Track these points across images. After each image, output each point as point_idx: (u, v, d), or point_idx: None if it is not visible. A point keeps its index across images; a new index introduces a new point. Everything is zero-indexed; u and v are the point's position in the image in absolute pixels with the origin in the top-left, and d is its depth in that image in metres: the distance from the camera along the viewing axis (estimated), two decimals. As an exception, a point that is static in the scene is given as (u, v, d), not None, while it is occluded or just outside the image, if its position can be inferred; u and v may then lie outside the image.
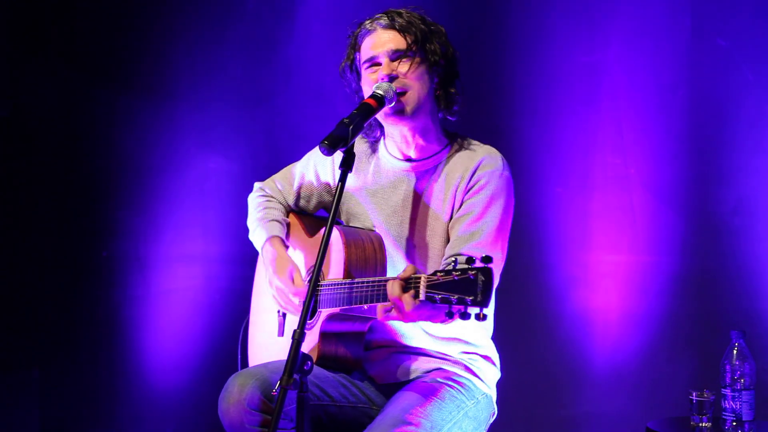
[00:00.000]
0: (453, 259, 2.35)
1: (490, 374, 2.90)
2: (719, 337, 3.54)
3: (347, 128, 2.54)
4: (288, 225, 3.03)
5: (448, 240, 2.79)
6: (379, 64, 2.77)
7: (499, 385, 2.96)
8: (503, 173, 2.79)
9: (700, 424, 3.29)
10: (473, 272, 2.28)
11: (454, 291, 2.30)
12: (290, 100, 4.42)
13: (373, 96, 2.68)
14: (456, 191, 2.78)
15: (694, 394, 3.30)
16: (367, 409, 2.79)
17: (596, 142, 4.07)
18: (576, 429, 4.10)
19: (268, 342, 2.99)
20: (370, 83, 2.77)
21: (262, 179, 4.54)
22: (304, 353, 2.33)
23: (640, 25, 4.02)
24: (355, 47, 2.84)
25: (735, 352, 3.29)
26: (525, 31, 4.16)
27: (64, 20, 4.51)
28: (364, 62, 2.80)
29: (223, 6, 4.46)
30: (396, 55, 2.75)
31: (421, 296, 2.37)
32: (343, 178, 2.54)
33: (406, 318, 2.46)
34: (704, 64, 3.94)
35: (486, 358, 2.90)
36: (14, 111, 4.50)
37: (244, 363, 3.11)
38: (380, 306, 2.48)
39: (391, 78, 2.74)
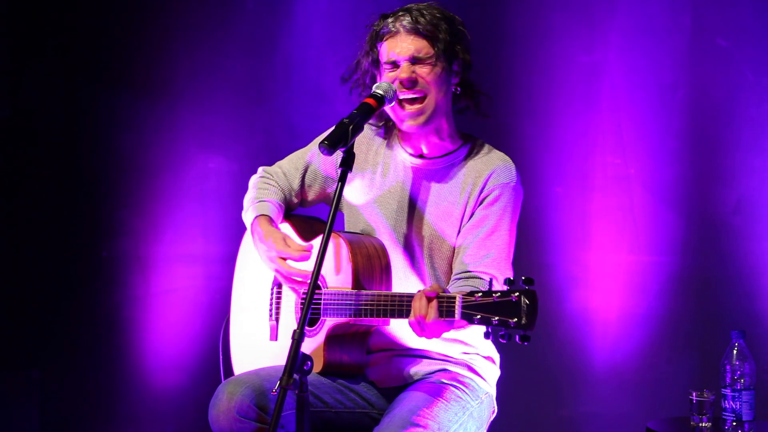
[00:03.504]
0: (488, 279, 2.38)
1: (491, 373, 2.90)
2: (719, 337, 3.54)
3: (347, 128, 2.54)
4: (283, 208, 2.98)
5: (453, 246, 2.78)
6: (399, 66, 2.75)
7: (499, 384, 2.96)
8: (516, 186, 2.79)
9: (700, 424, 3.29)
10: (516, 294, 2.28)
11: (494, 313, 2.30)
12: (290, 100, 4.41)
13: (373, 95, 2.67)
14: (468, 198, 2.77)
15: (694, 394, 3.30)
16: (365, 413, 2.78)
17: (596, 142, 4.07)
18: (576, 429, 4.10)
19: (256, 347, 2.96)
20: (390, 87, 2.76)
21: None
22: (303, 353, 2.33)
23: (640, 25, 4.02)
24: (375, 43, 2.81)
25: (735, 352, 3.29)
26: (525, 30, 4.16)
27: (64, 20, 4.51)
28: (385, 62, 2.79)
29: (223, 6, 4.46)
30: (417, 61, 2.74)
31: (457, 315, 2.37)
32: (342, 178, 2.54)
33: (428, 332, 2.46)
34: (704, 64, 3.94)
35: (487, 358, 2.90)
36: (14, 111, 4.50)
37: (227, 367, 3.06)
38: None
39: (411, 81, 2.73)
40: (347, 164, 2.55)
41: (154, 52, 4.50)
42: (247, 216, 2.97)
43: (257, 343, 2.94)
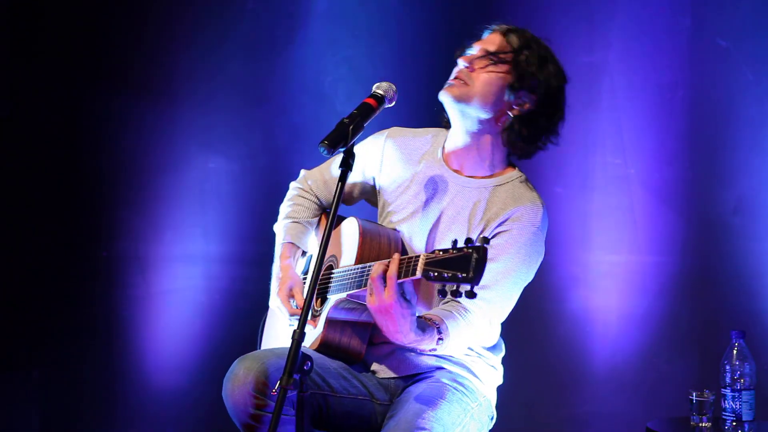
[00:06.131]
0: (454, 240, 2.36)
1: (490, 378, 2.89)
2: (719, 337, 3.54)
3: (347, 128, 2.53)
4: (313, 224, 3.02)
5: None
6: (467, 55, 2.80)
7: (500, 385, 2.96)
8: (537, 231, 2.73)
9: (700, 424, 3.30)
10: (469, 250, 2.28)
11: (449, 268, 2.30)
12: (290, 100, 4.42)
13: (373, 95, 2.67)
14: (485, 227, 2.74)
15: (694, 394, 3.30)
16: (366, 402, 2.78)
17: (596, 142, 4.07)
18: (576, 429, 4.10)
19: (279, 331, 3.01)
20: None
21: (261, 179, 4.56)
22: (303, 353, 2.33)
23: (640, 25, 4.02)
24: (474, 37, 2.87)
25: (735, 352, 3.29)
26: (525, 30, 4.16)
27: (64, 20, 4.51)
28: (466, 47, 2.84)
29: (223, 6, 4.46)
30: (484, 54, 2.77)
31: (418, 273, 2.35)
32: (343, 178, 2.53)
33: (380, 301, 2.45)
34: (704, 64, 3.94)
35: (490, 365, 2.89)
36: (14, 111, 4.50)
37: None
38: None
39: (466, 67, 2.76)
40: (347, 165, 2.54)
41: (154, 52, 4.50)
42: (278, 231, 3.02)
43: (280, 328, 2.98)
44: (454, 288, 2.28)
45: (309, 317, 2.79)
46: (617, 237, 4.05)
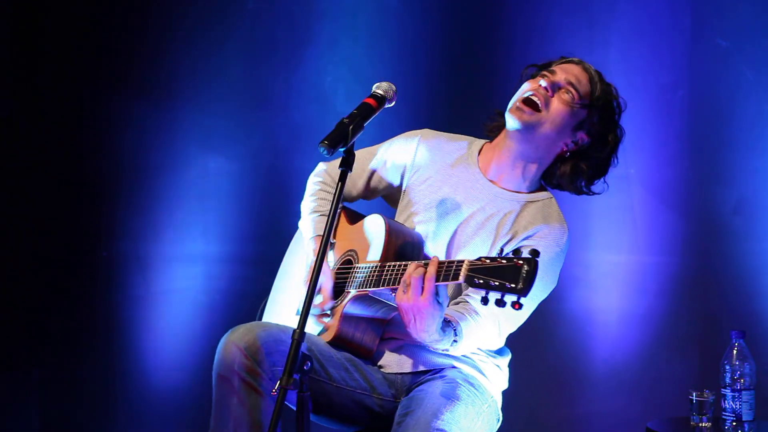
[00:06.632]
0: (500, 249, 2.38)
1: (497, 378, 2.89)
2: (719, 337, 3.54)
3: (347, 128, 2.53)
4: (337, 215, 3.01)
5: None
6: (549, 76, 2.82)
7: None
8: (560, 253, 2.80)
9: (700, 424, 3.30)
10: (520, 261, 2.30)
11: (496, 276, 2.32)
12: (290, 100, 4.42)
13: (373, 95, 2.66)
14: (511, 239, 2.78)
15: (694, 394, 3.30)
16: (365, 396, 2.78)
17: (596, 142, 4.06)
18: (576, 429, 4.10)
19: (282, 321, 3.00)
20: (525, 86, 2.83)
21: (261, 179, 4.55)
22: (303, 353, 2.33)
23: (640, 25, 4.02)
24: (547, 66, 2.89)
25: (735, 352, 3.29)
26: (525, 30, 4.16)
27: (64, 20, 4.51)
28: (546, 68, 2.86)
29: (223, 6, 4.46)
30: (567, 86, 2.81)
31: (461, 278, 2.38)
32: (342, 178, 2.53)
33: (414, 301, 2.46)
34: (704, 64, 3.94)
35: (495, 365, 2.89)
36: (14, 111, 4.50)
37: None
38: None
39: (548, 89, 2.79)
40: (347, 164, 2.54)
41: (154, 52, 4.50)
42: (305, 227, 3.02)
43: (284, 318, 2.98)
44: (499, 297, 2.31)
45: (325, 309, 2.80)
46: (617, 237, 4.05)
